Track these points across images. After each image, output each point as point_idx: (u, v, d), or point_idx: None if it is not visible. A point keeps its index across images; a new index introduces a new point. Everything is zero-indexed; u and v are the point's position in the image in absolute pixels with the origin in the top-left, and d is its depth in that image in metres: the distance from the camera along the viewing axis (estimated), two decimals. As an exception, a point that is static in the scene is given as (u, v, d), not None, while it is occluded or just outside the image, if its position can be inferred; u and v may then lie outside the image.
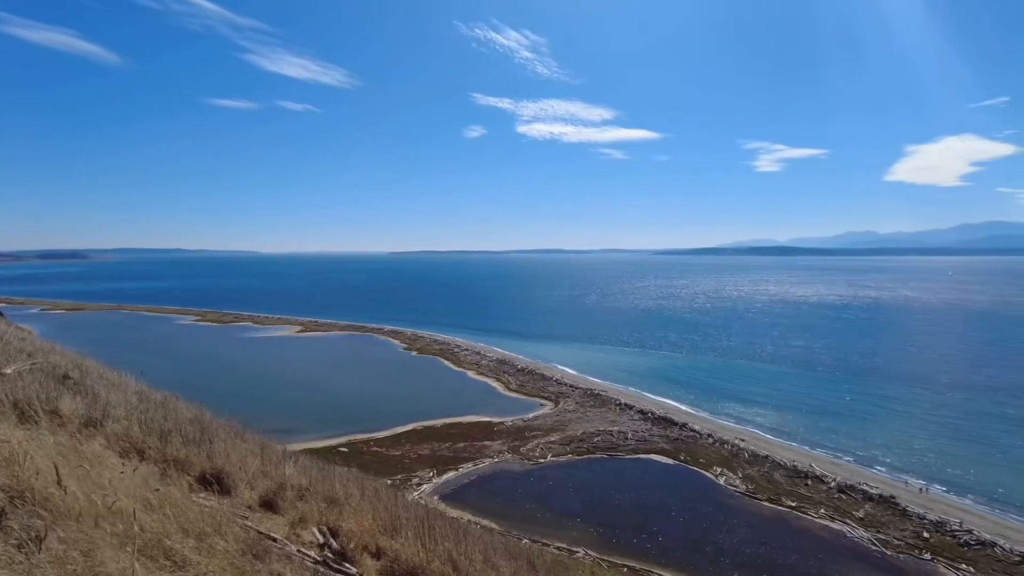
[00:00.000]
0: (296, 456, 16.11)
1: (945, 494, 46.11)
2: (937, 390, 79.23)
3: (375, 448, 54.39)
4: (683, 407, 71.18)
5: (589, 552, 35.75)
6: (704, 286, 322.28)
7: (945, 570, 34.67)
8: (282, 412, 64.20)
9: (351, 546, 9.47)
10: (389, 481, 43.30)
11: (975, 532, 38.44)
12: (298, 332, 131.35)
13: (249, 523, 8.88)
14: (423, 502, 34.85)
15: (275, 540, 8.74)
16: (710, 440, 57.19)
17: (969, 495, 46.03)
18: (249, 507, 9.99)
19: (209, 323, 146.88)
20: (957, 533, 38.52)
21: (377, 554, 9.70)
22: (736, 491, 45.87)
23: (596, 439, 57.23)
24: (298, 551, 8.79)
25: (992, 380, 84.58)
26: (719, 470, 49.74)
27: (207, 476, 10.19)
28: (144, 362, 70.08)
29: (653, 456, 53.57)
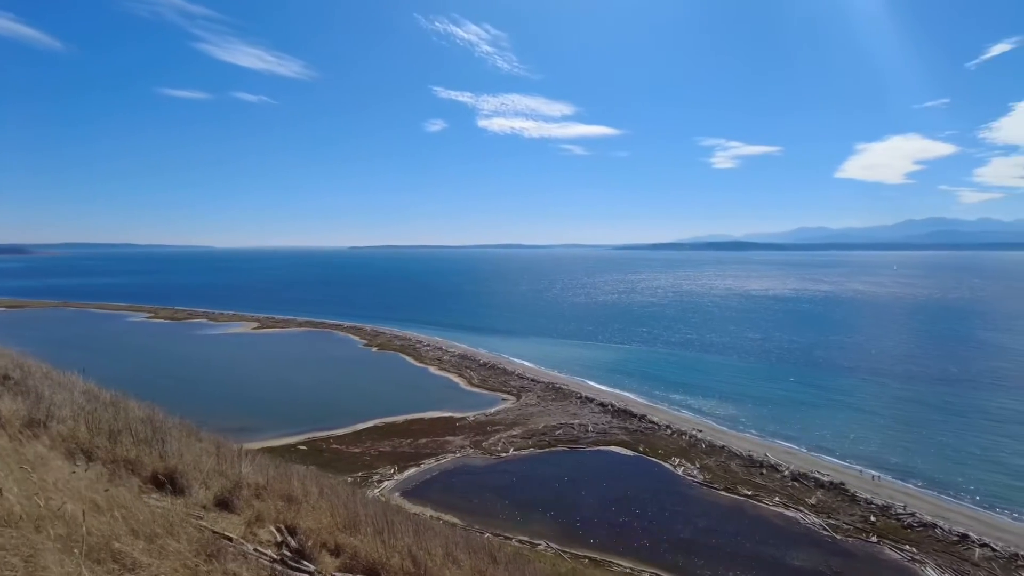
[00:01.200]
0: (253, 455, 15.85)
1: (892, 480, 47.98)
2: (884, 380, 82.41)
3: (335, 446, 53.76)
4: (642, 399, 72.32)
5: (551, 544, 36.08)
6: (663, 281, 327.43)
7: (890, 551, 36.12)
8: (239, 411, 62.95)
9: (309, 544, 9.38)
10: (350, 479, 42.92)
11: (918, 515, 40.14)
12: (255, 329, 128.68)
13: (204, 523, 8.71)
14: (383, 499, 34.65)
15: (231, 540, 8.60)
16: (668, 431, 58.26)
17: (912, 480, 47.99)
18: (204, 507, 9.80)
19: (162, 320, 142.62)
20: (901, 516, 40.16)
21: (336, 551, 9.62)
22: (694, 481, 46.85)
23: (557, 432, 57.71)
24: (255, 550, 8.66)
25: (933, 370, 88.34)
26: (677, 461, 50.71)
27: (159, 476, 9.95)
28: (93, 361, 67.82)
29: (613, 448, 54.30)
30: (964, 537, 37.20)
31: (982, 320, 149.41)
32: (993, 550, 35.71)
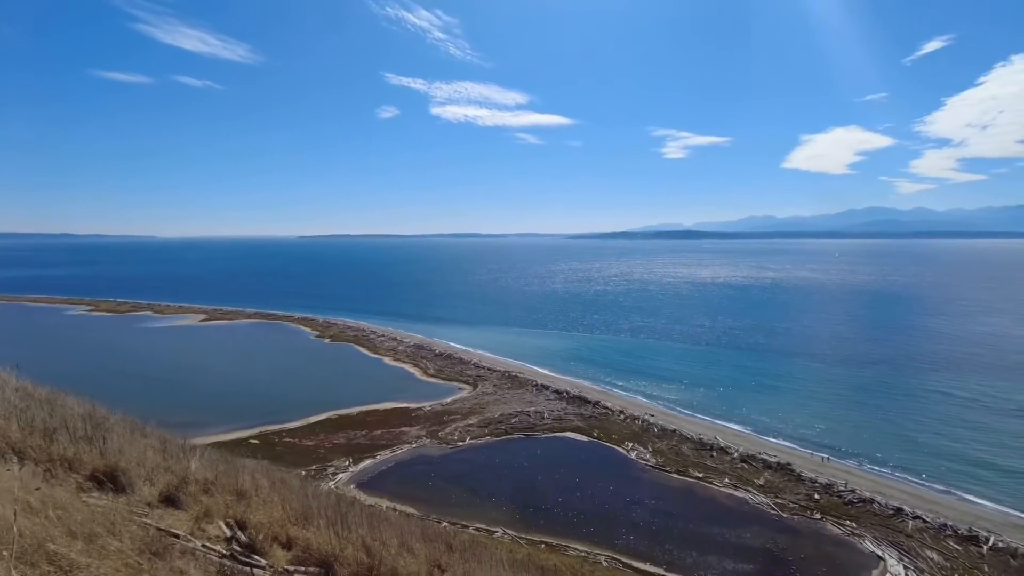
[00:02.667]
0: (202, 450, 15.47)
1: (836, 460, 50.00)
2: (827, 363, 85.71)
3: (288, 439, 52.88)
4: (597, 385, 73.42)
5: (508, 531, 36.39)
6: (616, 269, 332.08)
7: (832, 527, 37.76)
8: (187, 405, 61.31)
9: (260, 538, 9.23)
10: (303, 472, 42.31)
11: (857, 491, 42.06)
12: (202, 321, 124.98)
13: (148, 521, 8.47)
14: (338, 491, 34.29)
15: (177, 536, 8.38)
16: (622, 416, 59.31)
17: (853, 458, 50.21)
18: (149, 504, 9.52)
19: (103, 313, 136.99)
20: (843, 493, 41.99)
21: (288, 544, 9.50)
22: (647, 465, 47.87)
23: (514, 420, 58.07)
24: (203, 546, 8.47)
25: (874, 354, 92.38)
26: (631, 445, 51.71)
27: (100, 474, 9.60)
28: (27, 357, 64.59)
29: (568, 434, 54.98)
30: (899, 511, 39.19)
31: (918, 305, 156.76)
32: (924, 521, 37.73)
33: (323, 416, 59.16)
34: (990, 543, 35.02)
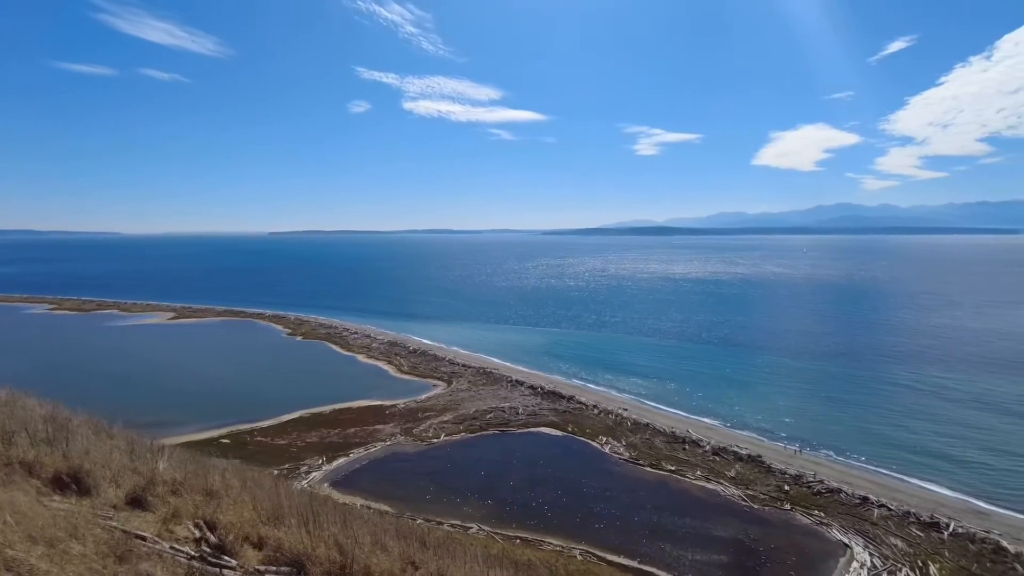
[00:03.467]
0: (171, 450, 15.22)
1: (804, 450, 50.98)
2: (795, 357, 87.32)
3: (259, 438, 52.19)
4: (571, 380, 73.82)
5: (483, 527, 36.42)
6: (590, 265, 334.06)
7: (801, 517, 38.54)
8: (156, 405, 60.11)
9: (230, 538, 9.11)
10: (276, 471, 41.82)
11: (826, 482, 43.00)
12: (171, 319, 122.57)
13: (114, 523, 8.30)
14: (311, 490, 33.97)
15: (144, 539, 8.22)
16: (596, 411, 59.74)
17: (821, 449, 51.22)
18: (114, 506, 9.33)
19: (67, 312, 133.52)
20: (811, 484, 42.88)
21: (259, 544, 9.38)
22: (620, 458, 48.29)
23: (488, 416, 58.10)
24: (171, 548, 8.32)
25: (839, 346, 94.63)
26: (604, 439, 52.11)
27: (63, 477, 9.37)
28: (-13, 357, 62.86)
29: (543, 429, 55.20)
30: (865, 500, 40.17)
31: (882, 300, 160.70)
32: (889, 509, 38.75)
33: (296, 415, 58.52)
34: (951, 529, 36.08)
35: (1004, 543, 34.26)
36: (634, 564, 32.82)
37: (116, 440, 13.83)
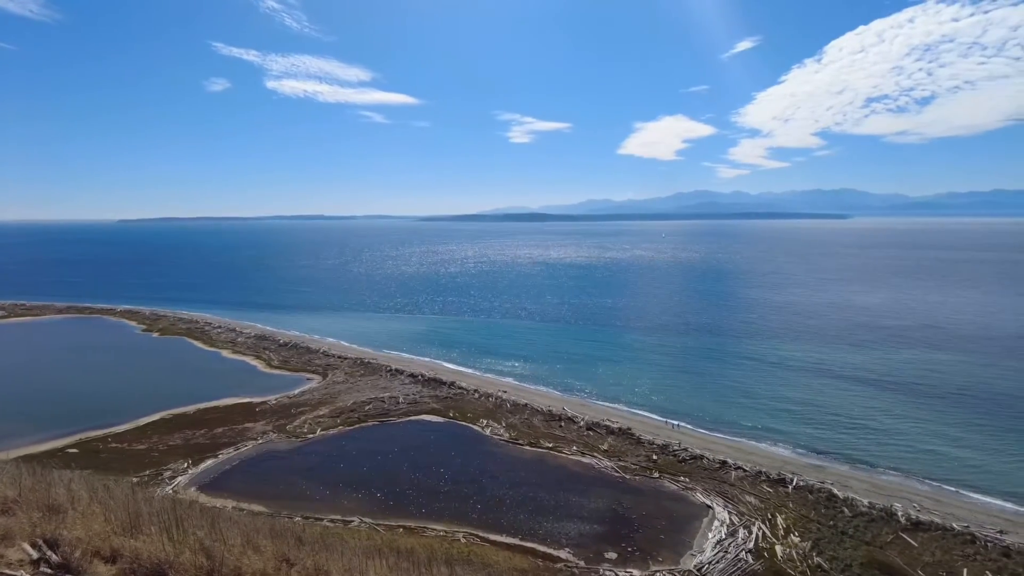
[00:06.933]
0: (2, 465, 13.59)
1: (672, 421, 54.73)
2: (660, 334, 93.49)
3: (114, 444, 47.84)
4: (452, 366, 74.21)
5: (364, 519, 35.78)
6: (468, 251, 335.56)
7: (669, 483, 41.48)
8: (-17, 417, 53.15)
9: (77, 555, 8.29)
10: (135, 478, 38.71)
11: (689, 449, 46.49)
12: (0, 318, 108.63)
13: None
14: (175, 495, 31.72)
15: (-33, 567, 7.28)
16: (476, 395, 60.43)
17: (686, 418, 55.27)
18: (-74, 534, 8.16)
19: None
20: (677, 452, 46.16)
21: (112, 557, 8.60)
22: (501, 439, 49.30)
23: (367, 407, 56.96)
24: (1, 574, 7.43)
25: (699, 323, 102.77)
26: (485, 422, 52.91)
27: None
28: None
29: (424, 416, 55.05)
30: (724, 463, 43.97)
31: (736, 280, 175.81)
32: (744, 471, 42.68)
33: (155, 417, 54.31)
34: (794, 483, 40.45)
35: (835, 491, 38.97)
36: (516, 541, 33.74)
37: (-70, 458, 12.12)
